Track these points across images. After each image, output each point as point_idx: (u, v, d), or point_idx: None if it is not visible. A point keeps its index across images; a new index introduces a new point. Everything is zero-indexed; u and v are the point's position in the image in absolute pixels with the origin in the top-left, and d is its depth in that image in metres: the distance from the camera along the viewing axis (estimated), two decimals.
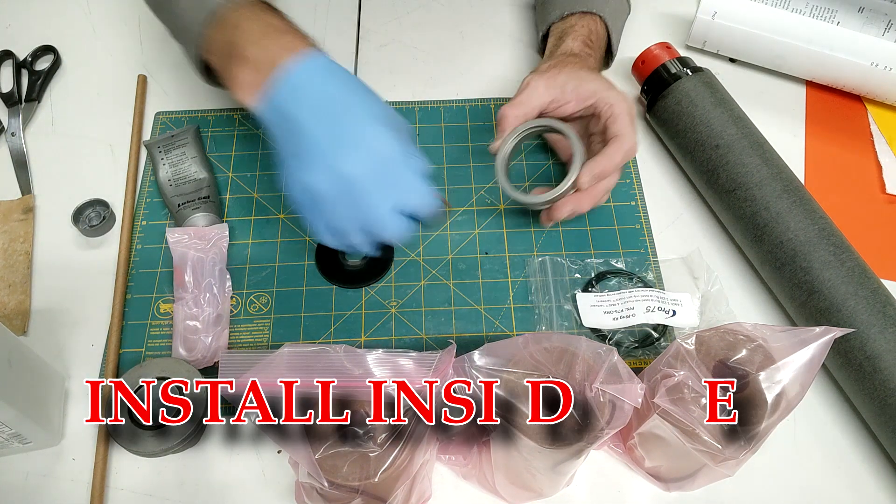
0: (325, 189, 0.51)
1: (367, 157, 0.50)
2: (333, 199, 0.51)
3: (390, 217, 0.52)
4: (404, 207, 0.52)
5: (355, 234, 0.53)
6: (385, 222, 0.52)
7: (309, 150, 0.51)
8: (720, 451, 0.45)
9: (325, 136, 0.51)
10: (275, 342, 0.61)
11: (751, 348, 0.47)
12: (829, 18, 0.71)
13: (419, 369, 0.43)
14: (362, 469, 0.42)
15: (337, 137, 0.51)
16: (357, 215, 0.52)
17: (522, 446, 0.45)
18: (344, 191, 0.50)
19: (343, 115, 0.51)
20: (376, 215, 0.52)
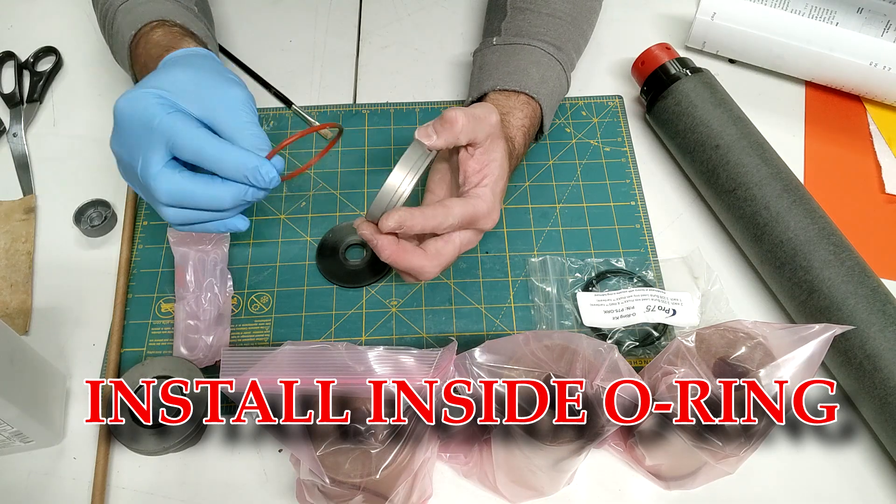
0: (117, 150, 0.52)
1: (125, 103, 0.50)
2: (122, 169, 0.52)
3: (157, 172, 0.49)
4: (180, 154, 0.49)
5: (155, 206, 0.51)
6: (150, 174, 0.49)
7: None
8: (721, 449, 0.45)
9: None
10: (276, 342, 0.61)
11: (751, 346, 0.47)
12: (828, 19, 0.72)
13: (420, 367, 0.44)
14: (364, 466, 0.43)
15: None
16: (133, 179, 0.51)
17: (523, 444, 0.45)
18: (120, 156, 0.51)
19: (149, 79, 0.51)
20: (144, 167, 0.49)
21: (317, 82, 0.78)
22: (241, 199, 0.50)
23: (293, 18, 0.83)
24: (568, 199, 0.68)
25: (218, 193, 0.50)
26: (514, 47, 0.67)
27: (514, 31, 0.69)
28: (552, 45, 0.67)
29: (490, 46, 0.69)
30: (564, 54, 0.68)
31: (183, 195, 0.49)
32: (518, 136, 0.62)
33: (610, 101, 0.75)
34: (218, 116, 0.50)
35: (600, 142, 0.72)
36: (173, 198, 0.50)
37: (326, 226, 0.67)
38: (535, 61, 0.66)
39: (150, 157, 0.49)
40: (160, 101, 0.49)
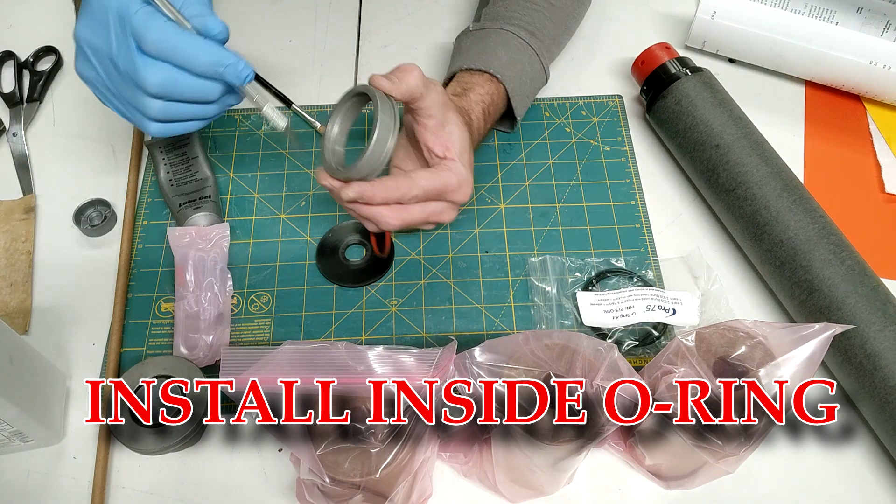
0: (83, 70, 0.51)
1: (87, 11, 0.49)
2: (92, 73, 0.51)
3: (138, 60, 0.48)
4: (148, 48, 0.48)
5: (135, 96, 0.49)
6: (132, 64, 0.48)
7: None
8: (721, 448, 0.45)
9: None
10: (276, 341, 0.61)
11: (751, 345, 0.47)
12: (828, 18, 0.72)
13: (420, 366, 0.44)
14: (363, 465, 0.43)
15: None
16: (110, 75, 0.50)
17: (523, 443, 0.45)
18: (89, 59, 0.50)
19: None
20: (120, 59, 0.48)
21: (317, 81, 0.78)
22: (225, 89, 0.50)
23: (293, 18, 0.83)
24: (568, 199, 0.68)
25: (208, 85, 0.50)
26: (486, 31, 0.68)
27: (491, 17, 0.70)
28: (525, 31, 0.68)
29: (466, 33, 0.70)
30: (539, 41, 0.68)
31: (173, 82, 0.48)
32: (476, 110, 0.62)
33: (610, 101, 0.75)
34: (185, 11, 0.49)
35: (600, 141, 0.72)
36: (163, 86, 0.48)
37: (326, 225, 0.67)
38: (503, 43, 0.66)
39: (131, 45, 0.47)
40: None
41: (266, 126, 0.53)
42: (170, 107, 0.50)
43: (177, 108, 0.51)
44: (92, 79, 0.51)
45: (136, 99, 0.50)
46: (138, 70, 0.48)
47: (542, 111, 0.74)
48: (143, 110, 0.50)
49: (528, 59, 0.67)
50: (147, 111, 0.50)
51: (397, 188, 0.54)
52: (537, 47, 0.68)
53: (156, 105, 0.50)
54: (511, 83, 0.65)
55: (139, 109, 0.50)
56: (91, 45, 0.49)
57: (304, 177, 0.70)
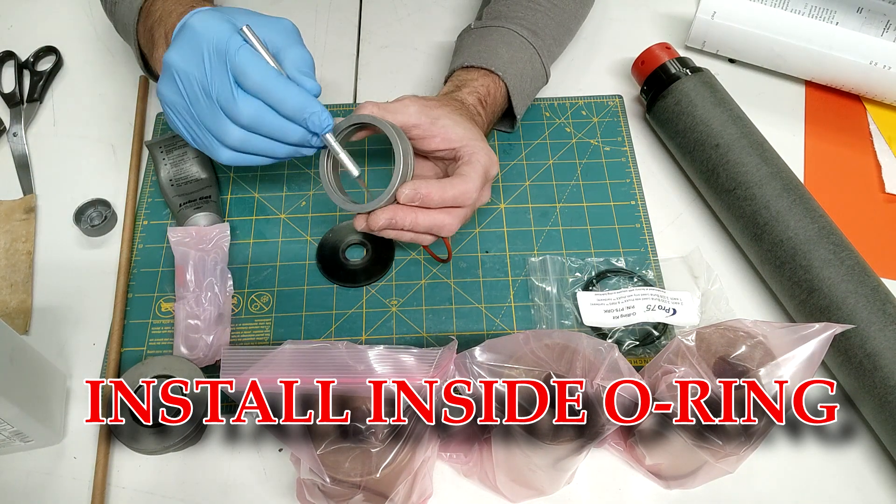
0: (167, 94, 0.53)
1: (183, 40, 0.51)
2: (177, 99, 0.53)
3: (233, 92, 0.50)
4: (246, 83, 0.51)
5: (220, 124, 0.52)
6: (227, 96, 0.50)
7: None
8: (721, 448, 0.45)
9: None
10: (276, 341, 0.61)
11: (751, 345, 0.47)
12: (828, 18, 0.72)
13: (421, 365, 0.44)
14: (364, 465, 0.43)
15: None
16: (198, 102, 0.52)
17: (524, 443, 0.45)
18: (177, 83, 0.52)
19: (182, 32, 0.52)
20: (217, 89, 0.51)
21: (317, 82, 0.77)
22: (304, 139, 0.53)
23: (293, 17, 0.82)
24: (568, 199, 0.68)
25: (292, 127, 0.52)
26: (488, 29, 0.68)
27: (493, 15, 0.70)
28: (527, 30, 0.68)
29: (468, 31, 0.70)
30: (540, 40, 0.68)
31: (262, 118, 0.51)
32: (469, 99, 0.63)
33: (610, 101, 0.76)
34: (283, 58, 0.53)
35: (600, 141, 0.72)
36: (252, 119, 0.51)
37: (326, 225, 0.67)
38: (505, 42, 0.67)
39: (230, 79, 0.50)
40: (233, 28, 0.51)
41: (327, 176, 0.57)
42: (249, 138, 0.53)
43: (255, 140, 0.53)
44: (174, 102, 0.54)
45: (219, 126, 0.52)
46: (236, 101, 0.51)
47: (542, 111, 0.74)
48: (222, 138, 0.53)
49: (528, 58, 0.67)
50: (227, 139, 0.53)
51: (454, 186, 0.55)
52: (539, 46, 0.68)
53: (237, 134, 0.52)
54: (511, 81, 0.65)
55: (218, 136, 0.53)
56: (182, 71, 0.51)
57: (304, 177, 0.70)
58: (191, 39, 0.51)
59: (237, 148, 0.53)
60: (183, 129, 0.55)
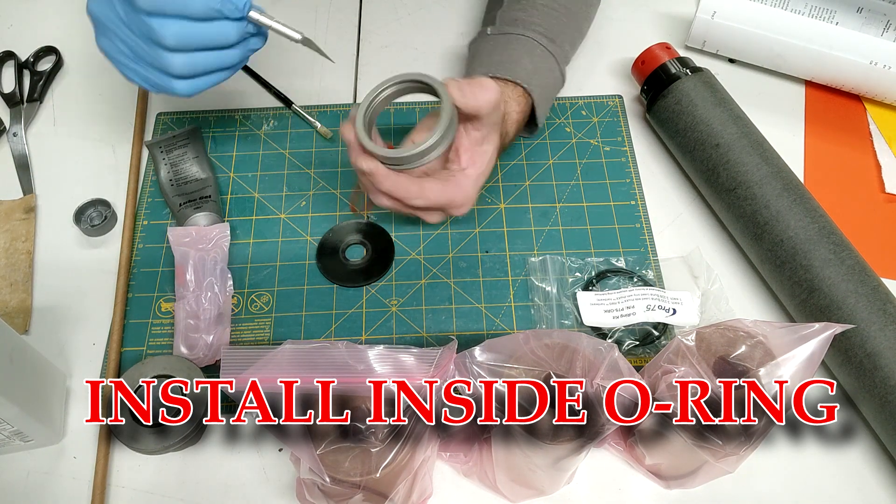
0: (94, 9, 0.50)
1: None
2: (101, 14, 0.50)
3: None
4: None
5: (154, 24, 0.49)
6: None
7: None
8: (721, 447, 0.45)
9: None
10: (276, 341, 0.61)
11: (751, 345, 0.47)
12: (828, 18, 0.72)
13: (421, 365, 0.44)
14: (364, 465, 0.43)
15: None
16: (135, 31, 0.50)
17: (523, 443, 0.45)
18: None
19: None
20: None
21: (317, 82, 0.78)
22: (240, 31, 0.51)
23: (293, 17, 0.83)
24: (568, 199, 0.68)
25: (221, 27, 0.50)
26: (507, 37, 0.67)
27: (508, 21, 0.69)
28: (545, 37, 0.67)
29: (484, 36, 0.69)
30: (558, 47, 0.68)
31: (187, 31, 0.49)
32: (511, 131, 0.63)
33: (610, 101, 0.75)
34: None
35: (600, 141, 0.72)
36: (178, 37, 0.48)
37: (326, 225, 0.67)
38: (528, 52, 0.66)
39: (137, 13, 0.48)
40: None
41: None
42: (192, 58, 0.50)
43: (199, 58, 0.51)
44: (111, 51, 0.52)
45: (158, 59, 0.50)
46: (152, 28, 0.48)
47: None
48: (166, 69, 0.50)
49: (549, 67, 0.67)
50: (171, 69, 0.50)
51: (406, 190, 0.56)
52: (557, 54, 0.68)
53: (178, 60, 0.50)
54: (536, 92, 0.65)
55: (163, 70, 0.51)
56: (103, 16, 0.50)
57: (304, 177, 0.70)
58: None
59: (185, 74, 0.51)
60: (134, 76, 0.52)
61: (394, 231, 0.66)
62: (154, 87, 0.53)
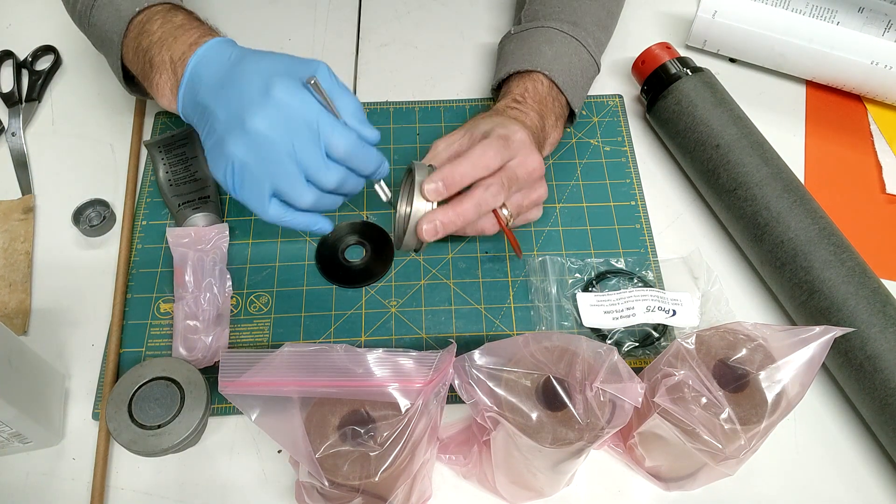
0: (241, 156, 0.50)
1: (268, 114, 0.50)
2: (256, 163, 0.51)
3: (324, 164, 0.51)
4: (335, 154, 0.52)
5: (301, 191, 0.52)
6: (319, 167, 0.51)
7: (219, 127, 0.51)
8: (720, 451, 0.45)
9: (226, 109, 0.51)
10: (275, 342, 0.61)
11: (751, 348, 0.47)
12: (829, 18, 0.71)
13: (420, 369, 0.43)
14: (363, 468, 0.42)
15: (236, 106, 0.51)
16: (284, 170, 0.51)
17: (523, 445, 0.45)
18: (261, 150, 0.50)
19: (237, 84, 0.52)
20: (308, 161, 0.51)
21: None
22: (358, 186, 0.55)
23: (292, 16, 0.83)
24: (568, 199, 0.68)
25: (360, 182, 0.55)
26: (528, 32, 0.68)
27: (529, 17, 0.70)
28: (567, 23, 0.68)
29: (508, 36, 0.71)
30: (582, 30, 0.68)
31: (344, 182, 0.53)
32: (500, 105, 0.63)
33: (610, 101, 0.75)
34: (338, 107, 0.53)
35: (600, 141, 0.72)
36: (338, 184, 0.53)
37: None
38: (547, 40, 0.67)
39: (318, 151, 0.51)
40: (315, 103, 0.51)
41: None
42: (321, 198, 0.53)
43: (324, 199, 0.54)
44: (244, 161, 0.51)
45: (294, 190, 0.52)
46: (327, 170, 0.52)
47: None
48: (294, 200, 0.52)
49: (574, 51, 0.67)
50: (300, 201, 0.52)
51: (464, 157, 0.55)
52: (581, 37, 0.68)
53: (311, 196, 0.52)
54: (560, 77, 0.65)
55: (290, 199, 0.52)
56: (267, 138, 0.50)
57: None
58: (278, 109, 0.50)
59: (305, 208, 0.53)
60: (236, 183, 0.52)
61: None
62: (244, 198, 0.53)
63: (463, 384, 0.45)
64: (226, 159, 0.51)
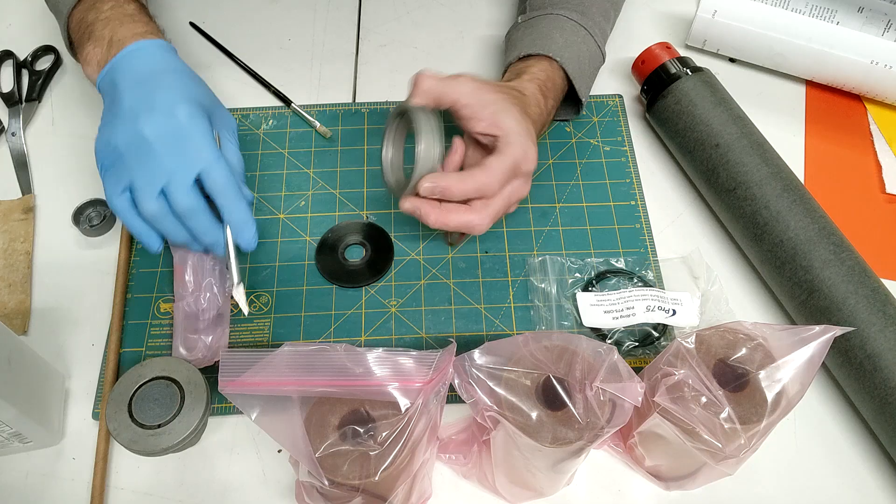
0: (122, 145, 0.54)
1: (163, 122, 0.54)
2: (130, 156, 0.54)
3: (186, 187, 0.54)
4: (208, 181, 0.55)
5: (147, 196, 0.54)
6: (179, 185, 0.54)
7: (119, 113, 0.55)
8: (720, 450, 0.45)
9: (133, 101, 0.55)
10: (275, 342, 0.61)
11: (751, 347, 0.47)
12: (829, 18, 0.71)
13: (420, 368, 0.43)
14: (363, 468, 0.42)
15: (142, 103, 0.55)
16: (146, 172, 0.54)
17: (522, 445, 0.45)
18: (138, 149, 0.54)
19: (155, 87, 0.56)
20: (172, 176, 0.54)
21: (316, 81, 0.77)
22: (214, 243, 0.57)
23: (292, 16, 0.83)
24: (568, 199, 0.68)
25: (213, 230, 0.57)
26: (536, 19, 0.68)
27: (537, 6, 0.70)
28: (575, 12, 0.68)
29: (516, 25, 0.71)
30: (590, 20, 0.68)
31: (195, 213, 0.55)
32: (529, 87, 0.63)
33: (610, 101, 0.75)
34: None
35: (600, 141, 0.72)
36: (190, 209, 0.55)
37: (326, 225, 0.67)
38: (556, 27, 0.67)
39: (190, 176, 0.55)
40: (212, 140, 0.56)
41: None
42: (165, 216, 0.56)
43: (168, 220, 0.56)
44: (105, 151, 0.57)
45: (141, 192, 0.55)
46: (184, 193, 0.55)
47: None
48: (140, 203, 0.55)
49: (582, 39, 0.67)
50: (145, 204, 0.55)
51: (473, 178, 0.56)
52: (589, 26, 0.68)
53: (154, 207, 0.55)
54: (570, 64, 0.65)
55: (137, 199, 0.56)
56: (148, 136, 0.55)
57: (303, 177, 0.70)
58: (170, 124, 0.55)
59: (147, 216, 0.55)
60: (105, 164, 0.56)
61: (393, 231, 0.66)
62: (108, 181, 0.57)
63: (463, 383, 0.45)
64: (107, 140, 0.56)
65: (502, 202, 0.58)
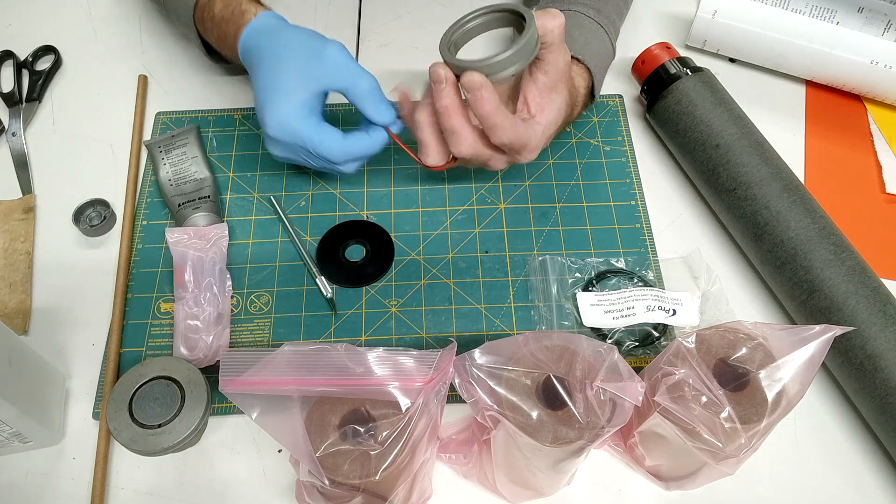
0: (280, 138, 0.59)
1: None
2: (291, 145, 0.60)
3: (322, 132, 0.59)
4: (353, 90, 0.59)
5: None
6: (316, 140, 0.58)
7: (258, 102, 0.60)
8: (721, 449, 0.45)
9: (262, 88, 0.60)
10: (275, 341, 0.61)
11: (751, 347, 0.47)
12: (829, 18, 0.71)
13: (420, 367, 0.43)
14: (363, 467, 0.42)
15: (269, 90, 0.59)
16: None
17: (523, 444, 0.45)
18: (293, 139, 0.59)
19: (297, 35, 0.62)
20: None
21: None
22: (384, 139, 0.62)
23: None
24: (568, 199, 0.68)
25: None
26: None
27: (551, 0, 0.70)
28: (592, 9, 0.68)
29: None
30: (605, 17, 0.68)
31: (360, 163, 0.62)
32: (580, 103, 0.64)
33: (610, 101, 0.75)
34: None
35: (600, 141, 0.72)
36: (357, 167, 0.62)
37: (326, 225, 0.67)
38: (577, 24, 0.67)
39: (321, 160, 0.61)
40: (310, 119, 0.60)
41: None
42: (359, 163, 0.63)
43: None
44: (288, 159, 0.63)
45: (335, 169, 0.63)
46: (340, 170, 0.62)
47: None
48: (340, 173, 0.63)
49: (599, 38, 0.67)
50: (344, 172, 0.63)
51: (502, 115, 0.54)
52: (605, 24, 0.68)
53: (350, 167, 0.62)
54: (592, 63, 0.65)
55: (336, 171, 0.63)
56: (286, 158, 0.63)
57: (303, 177, 0.70)
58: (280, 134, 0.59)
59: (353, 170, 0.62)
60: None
61: (393, 231, 0.66)
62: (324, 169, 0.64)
63: (463, 383, 0.45)
64: (270, 146, 0.62)
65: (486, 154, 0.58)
